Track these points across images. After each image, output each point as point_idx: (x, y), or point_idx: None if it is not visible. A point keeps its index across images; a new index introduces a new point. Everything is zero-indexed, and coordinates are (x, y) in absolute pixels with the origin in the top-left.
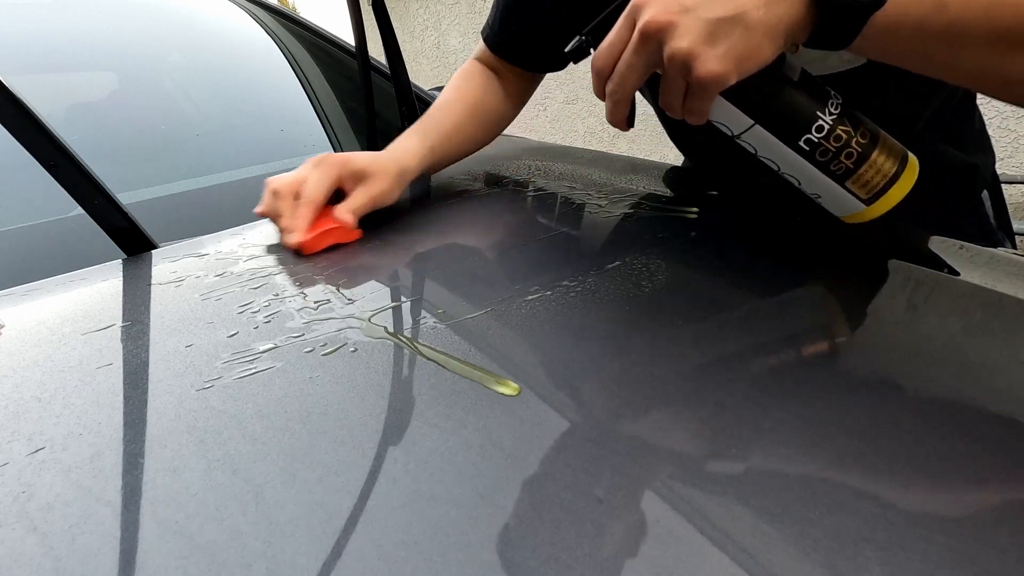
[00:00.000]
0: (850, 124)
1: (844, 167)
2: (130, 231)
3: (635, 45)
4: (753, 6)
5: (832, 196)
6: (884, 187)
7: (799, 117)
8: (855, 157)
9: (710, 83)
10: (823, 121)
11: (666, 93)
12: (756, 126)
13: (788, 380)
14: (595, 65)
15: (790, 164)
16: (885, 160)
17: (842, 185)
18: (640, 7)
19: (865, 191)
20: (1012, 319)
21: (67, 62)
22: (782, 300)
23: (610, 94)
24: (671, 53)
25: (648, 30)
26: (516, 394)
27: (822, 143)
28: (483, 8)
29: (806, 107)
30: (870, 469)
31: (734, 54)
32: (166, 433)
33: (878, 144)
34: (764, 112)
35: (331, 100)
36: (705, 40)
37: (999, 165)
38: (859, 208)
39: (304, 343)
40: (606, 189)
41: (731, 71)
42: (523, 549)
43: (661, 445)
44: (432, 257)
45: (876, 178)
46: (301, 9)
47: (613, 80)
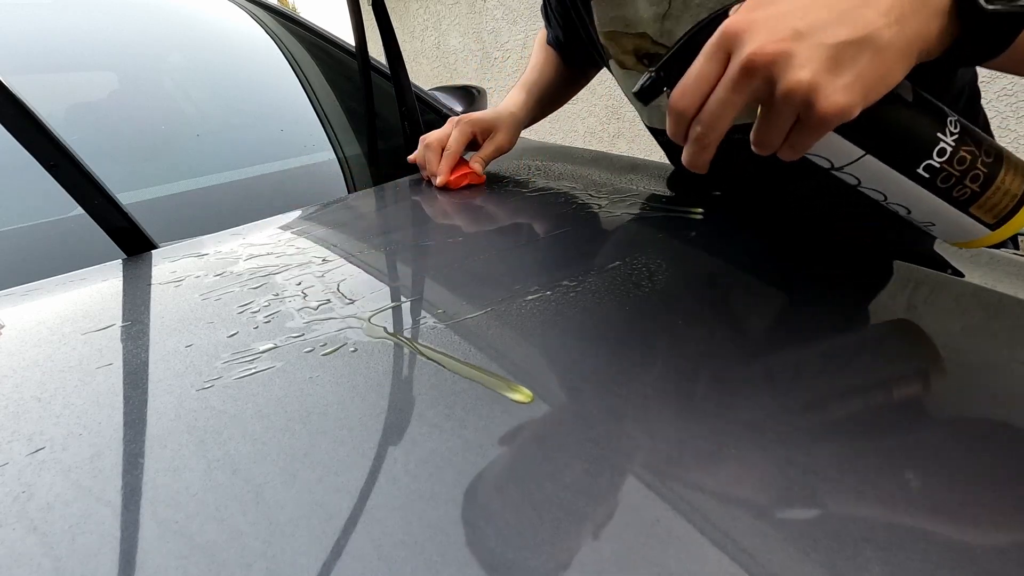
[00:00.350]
0: (973, 144)
1: (969, 191)
2: (130, 231)
3: (734, 80)
4: (884, 24)
5: (951, 223)
6: (1013, 209)
7: (918, 142)
8: (981, 179)
9: (833, 118)
10: (944, 144)
11: (767, 130)
12: (867, 156)
13: (788, 380)
14: (677, 105)
15: (902, 194)
16: (1013, 179)
17: (966, 211)
18: (736, 35)
19: (992, 215)
20: (1012, 319)
21: (67, 62)
22: (782, 300)
23: (697, 137)
24: (790, 87)
25: (755, 63)
26: (529, 401)
27: (944, 168)
28: (483, 8)
29: (925, 130)
30: (870, 469)
31: (862, 83)
32: (166, 433)
33: (1003, 162)
34: (877, 141)
35: (331, 100)
36: (829, 69)
37: None
38: (984, 233)
39: (304, 343)
40: (606, 189)
41: (858, 102)
42: (523, 549)
43: (661, 445)
44: (432, 257)
45: (1004, 200)
46: (301, 9)
47: (703, 121)
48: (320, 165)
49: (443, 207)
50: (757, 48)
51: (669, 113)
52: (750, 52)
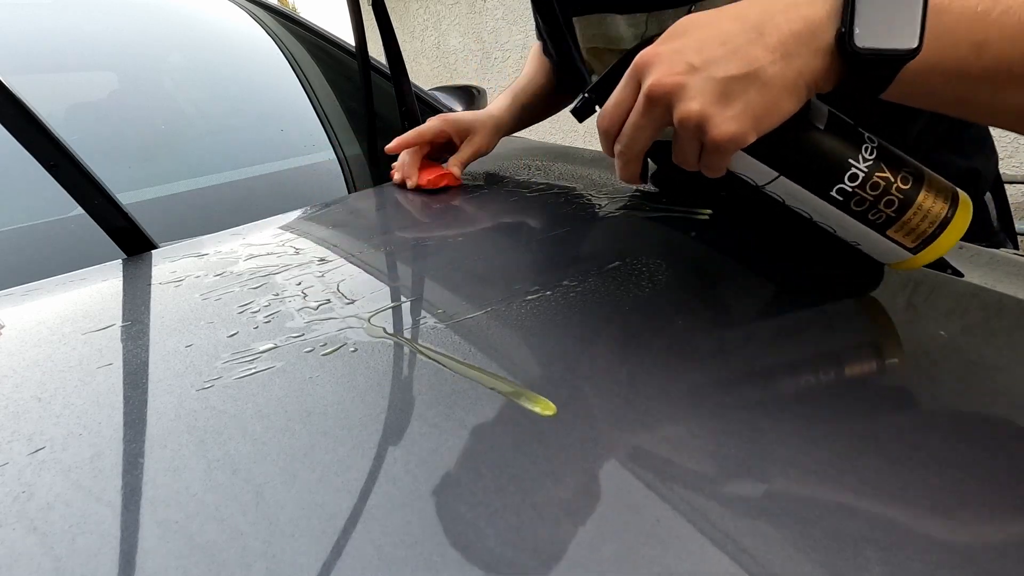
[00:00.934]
0: (888, 169)
1: (884, 215)
2: (130, 231)
3: (641, 108)
4: (768, 61)
5: (873, 245)
6: (934, 233)
7: (828, 166)
8: (896, 204)
9: (726, 144)
10: (856, 169)
11: (679, 152)
12: (781, 178)
13: (788, 380)
14: (601, 125)
15: (823, 214)
16: (933, 204)
17: (883, 235)
18: (643, 67)
19: (911, 239)
20: (1012, 319)
21: (67, 62)
22: (782, 300)
23: (619, 154)
24: (681, 117)
25: (654, 93)
26: (552, 414)
27: (857, 192)
28: (483, 8)
29: (836, 155)
30: (870, 469)
31: (751, 113)
32: (166, 433)
33: (923, 187)
34: (788, 164)
35: (331, 100)
36: (717, 101)
37: (999, 165)
38: (905, 256)
39: (304, 343)
40: (606, 189)
41: (748, 130)
42: (523, 549)
43: (661, 445)
44: (432, 257)
45: (923, 225)
46: (301, 9)
47: (621, 141)
48: (320, 165)
49: (443, 207)
50: (655, 80)
51: (599, 133)
52: (651, 83)
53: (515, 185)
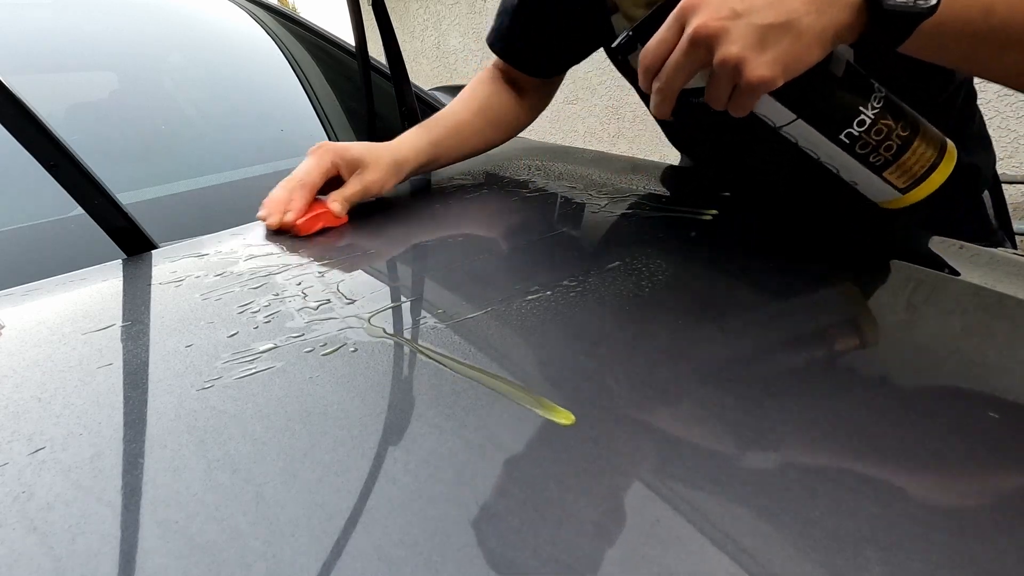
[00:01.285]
0: (891, 117)
1: (883, 159)
2: (130, 231)
3: (684, 48)
4: (804, 12)
5: (869, 184)
6: (922, 176)
7: (841, 112)
8: (894, 149)
9: (758, 86)
10: (865, 116)
11: (713, 91)
12: (798, 120)
13: (788, 380)
14: (643, 62)
15: (830, 155)
16: (925, 150)
17: (880, 175)
18: (690, 10)
19: (903, 180)
20: (1012, 319)
21: (67, 62)
22: (782, 300)
23: (658, 91)
24: (722, 58)
25: (698, 35)
26: (571, 423)
27: (862, 136)
28: (483, 8)
29: (848, 103)
30: (870, 469)
31: (783, 59)
32: (166, 433)
33: (918, 135)
34: (807, 108)
35: (331, 100)
36: (755, 46)
37: (999, 165)
38: (894, 196)
39: (304, 343)
40: (606, 189)
41: (779, 75)
42: (523, 549)
43: (661, 445)
44: (432, 257)
45: (915, 167)
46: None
47: (661, 78)
48: None
49: (443, 207)
50: (700, 23)
51: (639, 67)
52: (696, 26)
53: (515, 185)
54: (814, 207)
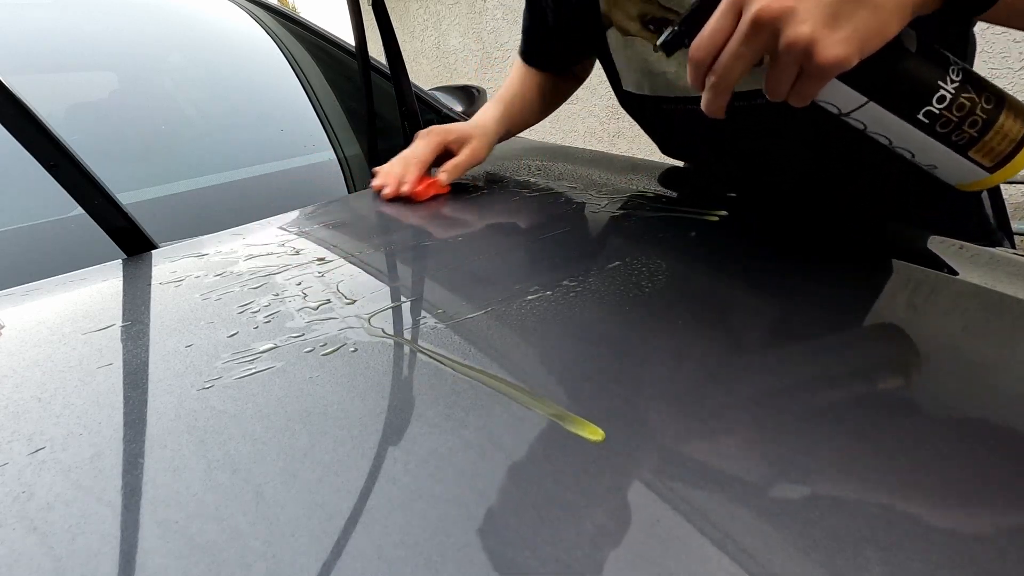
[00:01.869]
0: (974, 90)
1: (968, 136)
2: (130, 231)
3: (745, 34)
4: None
5: (952, 166)
6: (1011, 152)
7: (918, 90)
8: (980, 125)
9: (831, 68)
10: (944, 91)
11: (775, 78)
12: (870, 103)
13: (788, 380)
14: (695, 56)
15: (905, 138)
16: (1013, 124)
17: (964, 155)
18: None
19: (990, 158)
20: (1012, 319)
21: (67, 62)
22: (782, 300)
23: (712, 85)
24: (791, 40)
25: (763, 17)
26: (600, 440)
27: (944, 114)
28: (483, 8)
29: (925, 78)
30: (870, 469)
31: (858, 36)
32: (166, 433)
33: (1003, 108)
34: (879, 89)
35: (331, 100)
36: (827, 23)
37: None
38: (982, 176)
39: (304, 343)
40: (606, 189)
41: (854, 54)
42: (523, 549)
43: (661, 445)
44: (432, 257)
45: (1002, 144)
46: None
47: (717, 71)
48: (320, 165)
49: (443, 207)
50: (765, 5)
51: (689, 63)
52: (758, 8)
53: (515, 185)
54: (814, 207)
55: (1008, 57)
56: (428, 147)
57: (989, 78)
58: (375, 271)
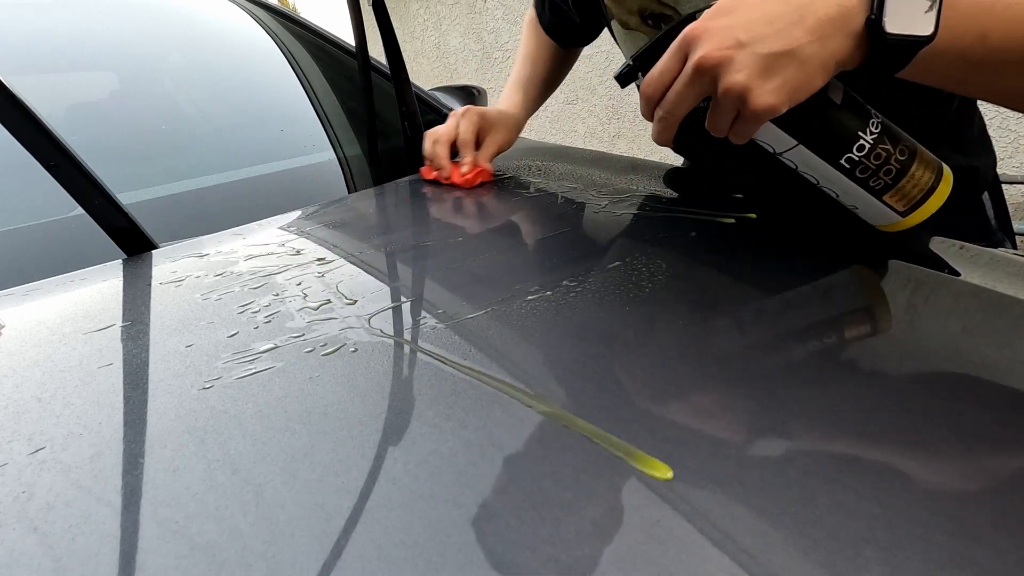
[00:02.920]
0: (889, 142)
1: (883, 183)
2: (130, 231)
3: (688, 78)
4: (807, 40)
5: (869, 208)
6: (921, 199)
7: (841, 137)
8: (893, 173)
9: (763, 114)
10: (864, 140)
11: (715, 119)
12: (799, 146)
13: (788, 380)
14: (645, 92)
15: (829, 180)
16: (923, 174)
17: (880, 199)
18: (693, 40)
19: (902, 204)
20: (1012, 319)
21: (67, 62)
22: (782, 300)
23: (660, 119)
24: (727, 87)
25: (704, 65)
26: (669, 478)
27: (862, 161)
28: (483, 8)
29: (848, 128)
30: (870, 469)
31: (788, 87)
32: (166, 433)
33: (916, 159)
34: (807, 134)
35: (331, 100)
36: (760, 75)
37: (999, 165)
38: (895, 219)
39: (304, 343)
40: (606, 189)
41: (783, 102)
42: (523, 549)
43: (661, 445)
44: (432, 257)
45: (913, 191)
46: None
47: (663, 107)
48: (320, 165)
49: (443, 207)
50: (706, 53)
51: (640, 97)
52: (701, 55)
53: (515, 185)
54: (814, 207)
55: None
56: (471, 129)
57: None
58: (375, 271)
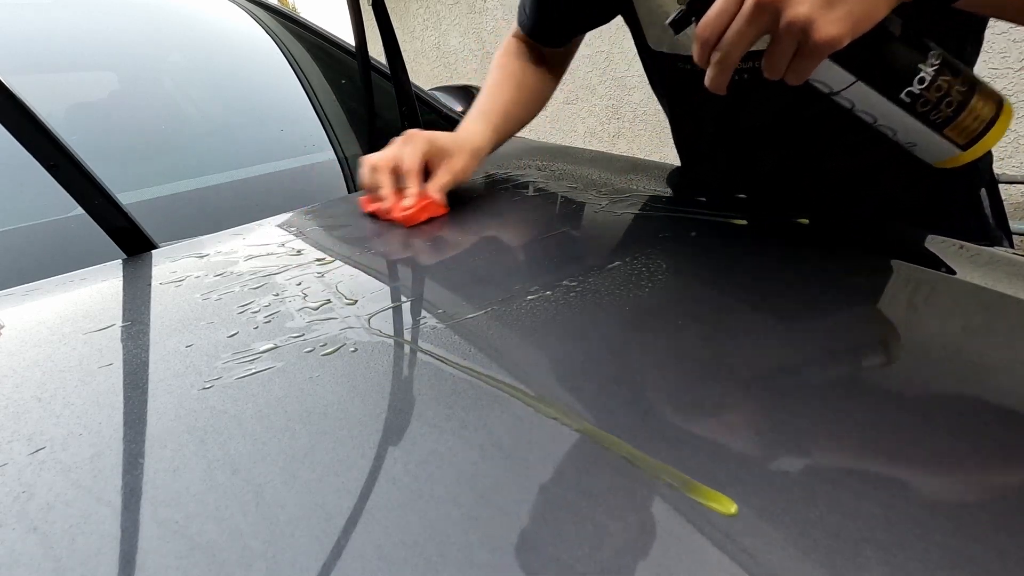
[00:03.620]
0: (950, 73)
1: (944, 115)
2: (130, 231)
3: (749, 15)
4: None
5: (929, 144)
6: (981, 132)
7: (901, 71)
8: (955, 105)
9: (826, 47)
10: (924, 73)
11: (774, 56)
12: (858, 82)
13: (788, 380)
14: (702, 35)
15: (889, 116)
16: (983, 106)
17: (940, 133)
18: None
19: (963, 137)
20: (1012, 319)
21: (67, 62)
22: (782, 301)
23: (717, 62)
24: (790, 20)
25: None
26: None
27: (923, 94)
28: (483, 8)
29: (908, 61)
30: (870, 469)
31: (851, 17)
32: (166, 433)
33: (976, 91)
34: (867, 68)
35: (331, 100)
36: (823, 5)
37: (999, 165)
38: (955, 153)
39: (304, 343)
40: (606, 189)
41: (847, 34)
42: (523, 549)
43: (661, 445)
44: (432, 257)
45: (974, 124)
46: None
47: (721, 48)
48: (320, 165)
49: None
50: None
51: (696, 41)
52: None
53: (515, 185)
54: (814, 207)
55: (1008, 57)
56: (417, 156)
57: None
58: (375, 271)
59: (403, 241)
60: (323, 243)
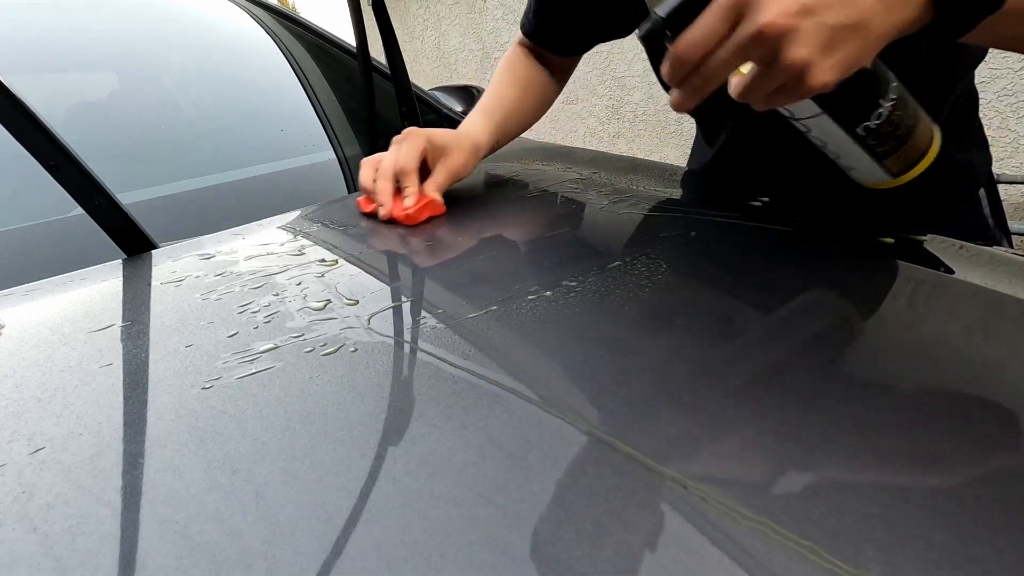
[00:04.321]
0: (903, 109)
1: (888, 148)
2: (130, 231)
3: (744, 45)
4: (874, 12)
5: (867, 170)
6: (914, 162)
7: (863, 107)
8: (899, 139)
9: (815, 92)
10: (882, 109)
11: (756, 88)
12: (823, 115)
13: (788, 380)
14: (682, 55)
15: (839, 144)
16: (922, 137)
17: (880, 163)
18: (753, 3)
19: (898, 166)
20: (1012, 319)
21: (67, 62)
22: (782, 300)
23: (691, 84)
24: (790, 62)
25: (767, 34)
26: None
27: (878, 128)
28: (483, 8)
29: (871, 96)
30: (870, 469)
31: (845, 63)
32: (166, 433)
33: (918, 123)
34: (835, 103)
35: (331, 100)
36: (822, 49)
37: (999, 165)
38: (887, 180)
39: (304, 343)
40: (606, 189)
41: (837, 79)
42: (523, 549)
43: (661, 445)
44: (432, 257)
45: (912, 154)
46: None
47: (702, 74)
48: (320, 165)
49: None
50: (770, 20)
51: (671, 59)
52: (764, 23)
53: (515, 185)
54: (814, 207)
55: (1008, 57)
56: (415, 154)
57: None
58: (375, 271)
59: (403, 241)
60: (323, 243)
